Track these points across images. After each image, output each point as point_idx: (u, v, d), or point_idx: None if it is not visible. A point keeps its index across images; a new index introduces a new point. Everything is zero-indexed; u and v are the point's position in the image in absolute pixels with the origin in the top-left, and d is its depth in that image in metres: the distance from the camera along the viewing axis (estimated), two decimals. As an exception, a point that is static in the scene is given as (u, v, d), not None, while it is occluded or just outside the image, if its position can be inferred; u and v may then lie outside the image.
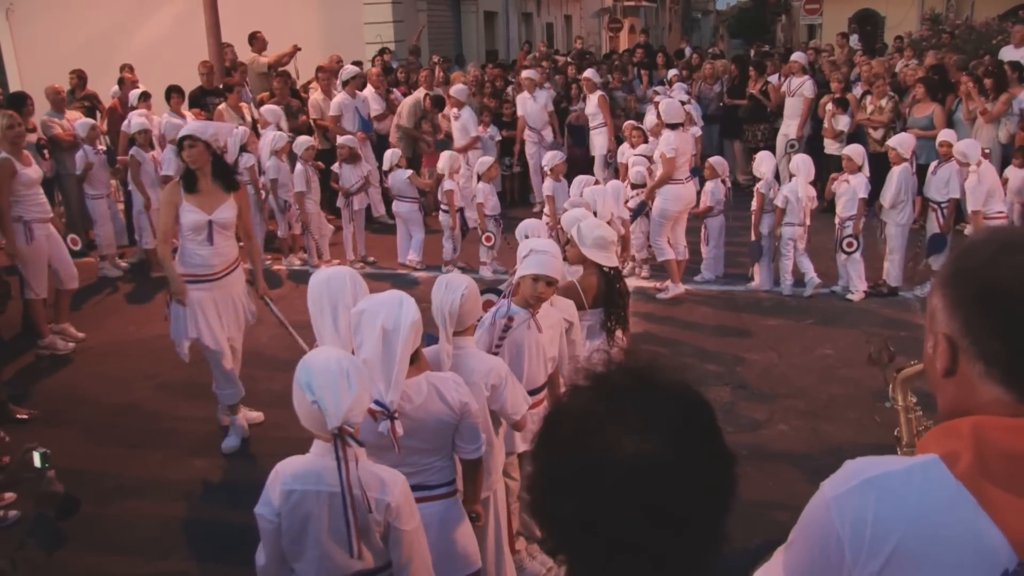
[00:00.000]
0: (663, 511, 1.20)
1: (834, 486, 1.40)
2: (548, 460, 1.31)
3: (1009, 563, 1.29)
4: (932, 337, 1.44)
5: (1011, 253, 1.35)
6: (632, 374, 1.30)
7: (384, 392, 2.98)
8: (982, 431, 1.33)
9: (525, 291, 4.06)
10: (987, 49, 13.65)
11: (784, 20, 41.58)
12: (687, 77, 14.43)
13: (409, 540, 2.79)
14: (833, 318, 8.04)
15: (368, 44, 16.56)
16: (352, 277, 3.61)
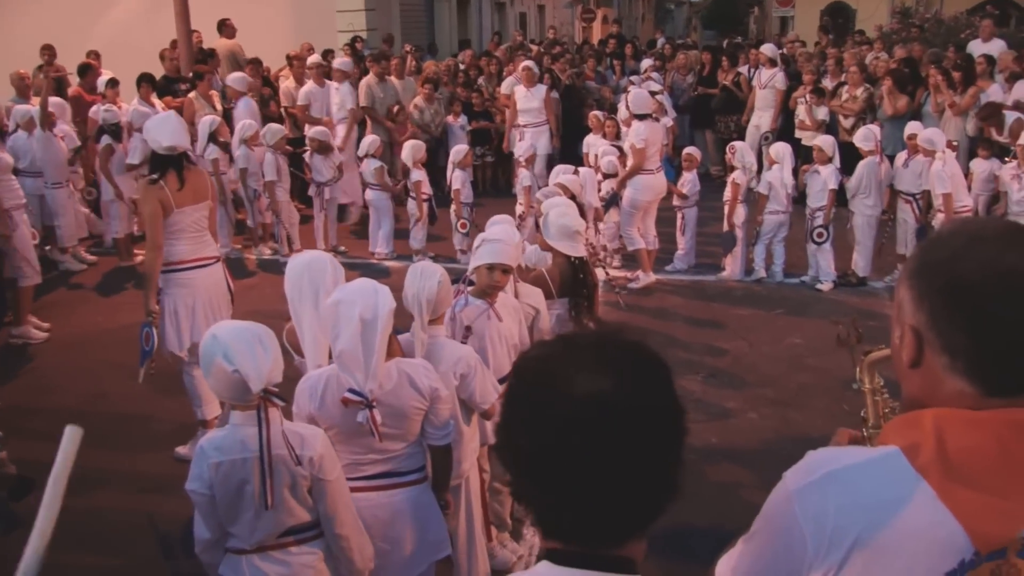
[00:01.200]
0: (609, 445, 1.26)
1: (796, 479, 1.41)
2: (511, 400, 1.38)
3: (966, 553, 1.30)
4: (899, 328, 1.44)
5: (978, 246, 1.35)
6: (594, 331, 1.43)
7: (362, 381, 3.00)
8: (943, 423, 1.34)
9: (481, 281, 4.07)
10: (955, 43, 13.78)
11: (757, 12, 41.77)
12: (660, 67, 14.47)
13: (332, 490, 2.89)
14: (802, 308, 8.11)
15: (340, 32, 16.45)
16: (332, 262, 3.63)
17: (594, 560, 1.33)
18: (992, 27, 13.57)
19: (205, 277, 5.46)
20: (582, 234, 5.09)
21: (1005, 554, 1.31)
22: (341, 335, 2.99)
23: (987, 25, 13.44)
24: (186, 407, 5.71)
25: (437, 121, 12.31)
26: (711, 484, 5.05)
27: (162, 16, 13.20)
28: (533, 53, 15.35)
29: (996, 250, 1.33)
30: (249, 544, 2.90)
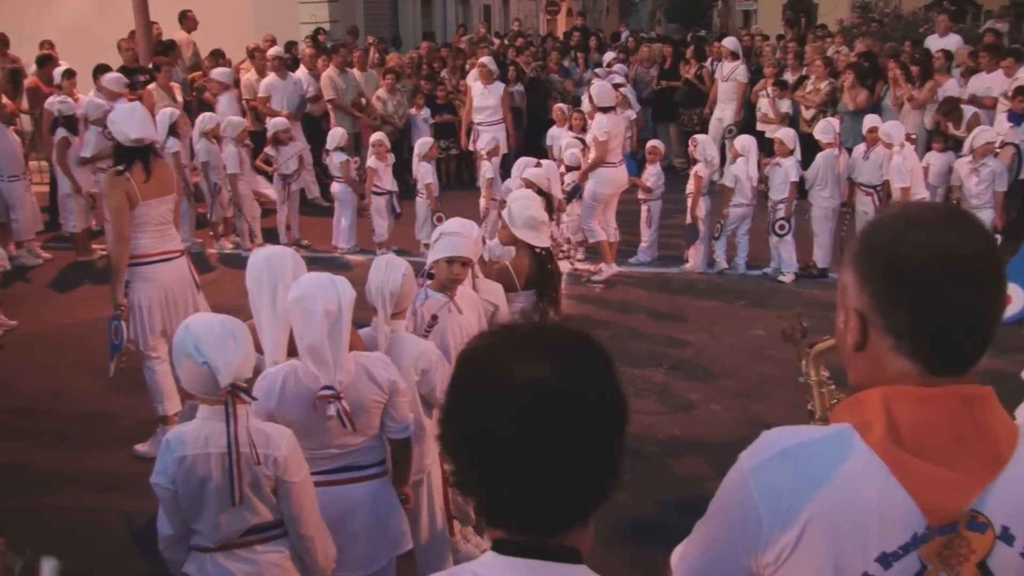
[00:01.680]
0: (548, 432, 1.27)
1: (751, 458, 1.43)
2: (453, 390, 1.39)
3: (919, 527, 1.33)
4: (843, 312, 1.47)
5: (917, 229, 1.37)
6: (536, 322, 1.44)
7: (331, 374, 3.01)
8: (893, 401, 1.36)
9: (440, 275, 4.05)
10: (913, 38, 13.95)
11: (720, 5, 41.97)
12: (624, 60, 14.50)
13: (298, 492, 2.87)
14: (765, 299, 8.18)
15: (303, 24, 16.30)
16: (294, 257, 3.60)
17: (538, 549, 1.34)
18: (948, 22, 13.77)
19: (169, 271, 5.40)
20: (547, 224, 5.09)
21: (956, 527, 1.33)
22: (307, 330, 2.99)
23: (943, 20, 13.63)
24: (146, 404, 5.63)
25: (400, 113, 12.25)
26: (674, 476, 5.08)
27: (120, 5, 12.97)
28: (496, 46, 15.32)
29: (935, 233, 1.35)
30: (213, 542, 2.88)
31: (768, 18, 25.12)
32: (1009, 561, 1.34)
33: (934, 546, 1.34)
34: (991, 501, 1.33)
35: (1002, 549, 1.34)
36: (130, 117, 5.23)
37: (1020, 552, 1.34)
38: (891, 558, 1.33)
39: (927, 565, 1.34)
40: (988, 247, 1.37)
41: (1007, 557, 1.34)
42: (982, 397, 1.37)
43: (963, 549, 1.34)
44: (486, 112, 11.38)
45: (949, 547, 1.34)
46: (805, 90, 11.82)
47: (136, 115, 5.26)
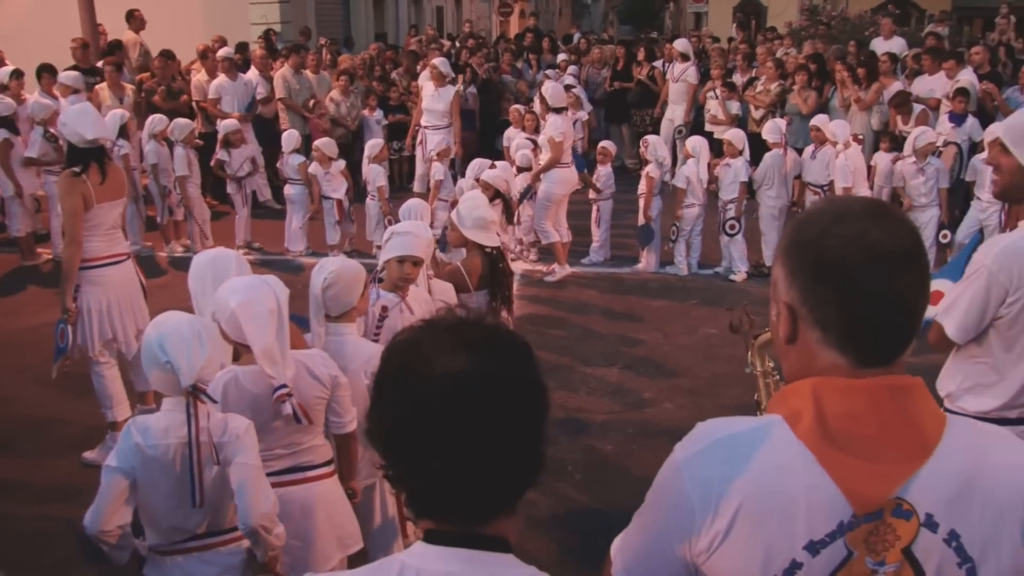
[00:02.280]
0: (470, 425, 1.31)
1: (684, 449, 1.47)
2: (378, 384, 1.42)
3: (845, 515, 1.36)
4: (775, 306, 1.50)
5: (842, 223, 1.40)
6: (456, 316, 1.44)
7: (283, 373, 3.01)
8: (821, 392, 1.39)
9: (392, 275, 4.05)
10: (859, 40, 14.22)
11: (672, 7, 42.36)
12: (575, 62, 14.59)
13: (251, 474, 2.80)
14: (716, 298, 8.26)
15: (253, 25, 16.16)
16: (237, 259, 3.58)
17: (466, 538, 1.37)
18: (892, 26, 14.08)
19: (118, 274, 5.33)
20: (497, 224, 5.11)
21: (882, 515, 1.37)
22: (259, 333, 2.97)
23: (887, 23, 13.93)
24: (94, 410, 5.54)
25: (353, 115, 12.19)
26: (628, 474, 5.12)
27: (65, 5, 12.76)
28: (446, 47, 15.31)
29: (861, 227, 1.38)
30: (170, 541, 2.85)
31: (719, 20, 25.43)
32: (932, 547, 1.38)
33: (860, 533, 1.37)
34: (916, 489, 1.37)
35: (926, 536, 1.37)
36: (83, 118, 5.14)
37: (943, 538, 1.38)
38: (818, 545, 1.36)
39: (853, 551, 1.37)
40: (912, 240, 1.40)
41: (931, 543, 1.38)
42: (910, 387, 1.40)
43: (888, 536, 1.37)
44: (435, 115, 11.10)
45: (875, 534, 1.37)
46: (755, 91, 12.00)
47: (89, 116, 5.19)
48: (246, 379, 3.09)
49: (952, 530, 1.38)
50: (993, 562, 1.39)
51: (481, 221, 4.88)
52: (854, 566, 1.37)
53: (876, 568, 1.38)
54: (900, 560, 1.38)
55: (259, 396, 3.09)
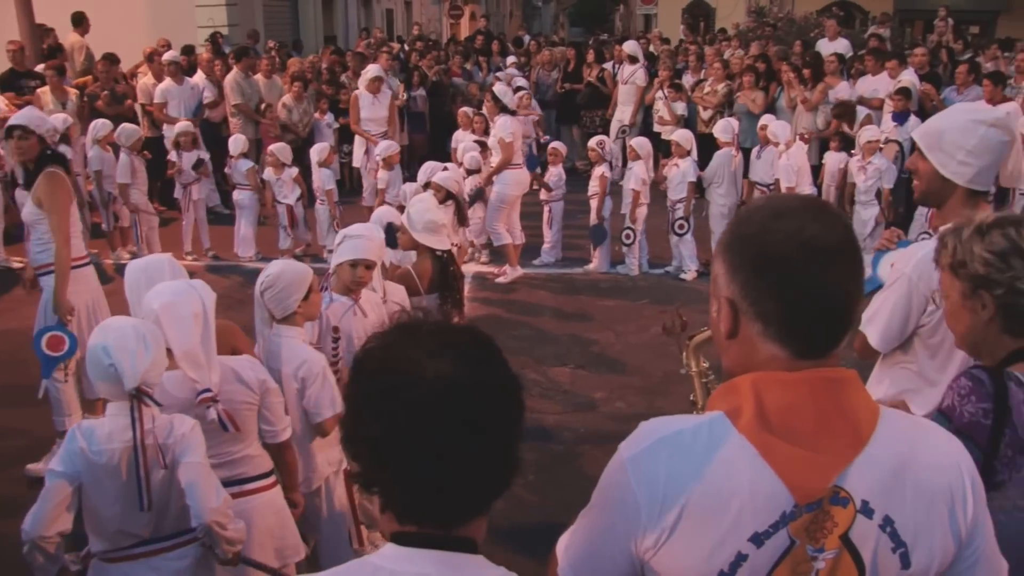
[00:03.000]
0: (460, 424, 1.33)
1: (629, 448, 1.49)
2: (358, 390, 1.41)
3: (787, 506, 1.40)
4: (715, 301, 1.53)
5: (780, 219, 1.45)
6: (431, 320, 1.47)
7: (207, 377, 2.99)
8: (760, 386, 1.43)
9: (344, 278, 4.03)
10: (805, 41, 14.45)
11: (622, 9, 42.62)
12: (525, 64, 14.64)
13: (198, 471, 2.79)
14: (667, 297, 8.32)
15: (200, 28, 15.96)
16: (171, 264, 3.54)
17: (437, 540, 1.38)
18: (836, 27, 14.32)
19: (92, 276, 5.36)
20: (447, 227, 5.11)
21: (821, 503, 1.41)
22: (182, 336, 2.96)
23: (831, 25, 14.18)
24: (39, 420, 5.42)
25: (306, 120, 12.08)
26: (581, 473, 5.14)
27: (4, 6, 12.48)
28: (394, 50, 15.25)
29: (798, 222, 1.43)
30: (117, 547, 2.82)
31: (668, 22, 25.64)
32: (869, 533, 1.43)
33: (802, 522, 1.40)
34: (852, 477, 1.41)
35: (862, 522, 1.42)
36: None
37: (878, 524, 1.43)
38: (763, 536, 1.40)
39: (795, 540, 1.41)
40: (847, 235, 1.45)
41: (867, 529, 1.43)
42: (845, 380, 1.45)
43: (827, 523, 1.41)
44: (376, 123, 10.97)
45: (815, 522, 1.41)
46: (703, 92, 12.13)
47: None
48: (170, 384, 3.05)
49: (887, 516, 1.43)
50: (925, 546, 1.45)
51: (432, 225, 4.87)
52: (796, 554, 1.41)
53: (816, 555, 1.42)
54: (839, 547, 1.42)
55: (183, 401, 3.05)
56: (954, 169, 2.74)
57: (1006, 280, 2.05)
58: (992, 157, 2.72)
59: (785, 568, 1.41)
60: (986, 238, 2.08)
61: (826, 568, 1.43)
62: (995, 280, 2.06)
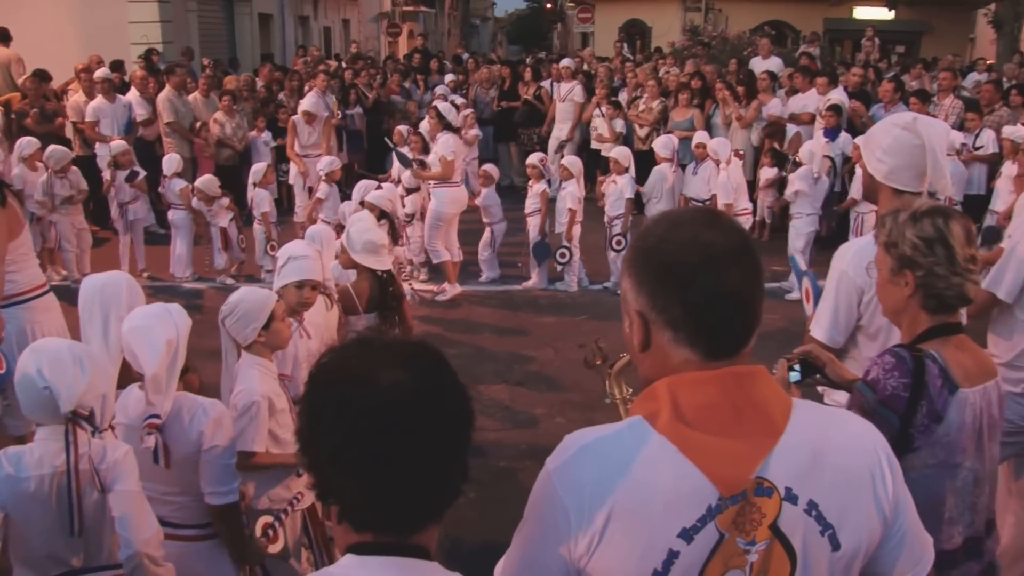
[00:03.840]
0: (416, 432, 1.37)
1: (554, 459, 1.53)
2: (314, 402, 1.43)
3: (712, 499, 1.43)
4: (627, 317, 1.57)
5: (677, 229, 1.52)
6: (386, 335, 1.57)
7: (164, 405, 2.89)
8: (675, 387, 1.48)
9: (290, 300, 3.93)
10: (739, 59, 14.74)
11: (560, 28, 43.05)
12: (463, 82, 14.70)
13: (131, 500, 2.68)
14: (606, 313, 8.39)
15: (133, 44, 15.71)
16: (129, 285, 3.46)
17: (395, 548, 1.41)
18: (770, 46, 14.66)
19: (55, 304, 5.12)
20: (387, 247, 5.10)
21: (746, 495, 1.44)
22: (148, 361, 2.87)
23: (765, 44, 14.52)
24: None
25: (239, 135, 11.97)
26: (522, 489, 5.09)
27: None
28: (332, 67, 15.21)
29: (695, 231, 1.50)
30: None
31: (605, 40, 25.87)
32: (796, 519, 1.47)
33: (729, 515, 1.44)
34: (773, 466, 1.46)
35: (789, 509, 1.47)
36: None
37: (803, 509, 1.47)
38: (691, 532, 1.43)
39: (724, 533, 1.44)
40: (743, 239, 1.52)
41: (794, 515, 1.47)
42: (755, 374, 1.51)
43: (755, 514, 1.45)
44: (313, 148, 11.15)
45: (742, 514, 1.45)
46: (638, 109, 12.29)
47: None
48: (130, 400, 3.00)
49: (810, 500, 1.47)
50: (851, 526, 1.50)
51: (371, 245, 4.86)
52: (727, 548, 1.44)
53: (748, 548, 1.46)
54: (769, 537, 1.46)
55: (135, 420, 2.97)
56: (874, 166, 3.02)
57: (927, 264, 2.28)
58: (905, 158, 2.94)
59: (718, 562, 1.45)
60: (917, 224, 2.30)
61: (759, 559, 1.46)
62: (918, 263, 2.29)
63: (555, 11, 43.76)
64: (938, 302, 2.32)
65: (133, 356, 2.94)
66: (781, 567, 1.48)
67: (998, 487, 4.04)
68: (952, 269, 2.27)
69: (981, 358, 2.37)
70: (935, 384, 2.23)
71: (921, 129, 2.94)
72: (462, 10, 48.76)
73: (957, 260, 2.27)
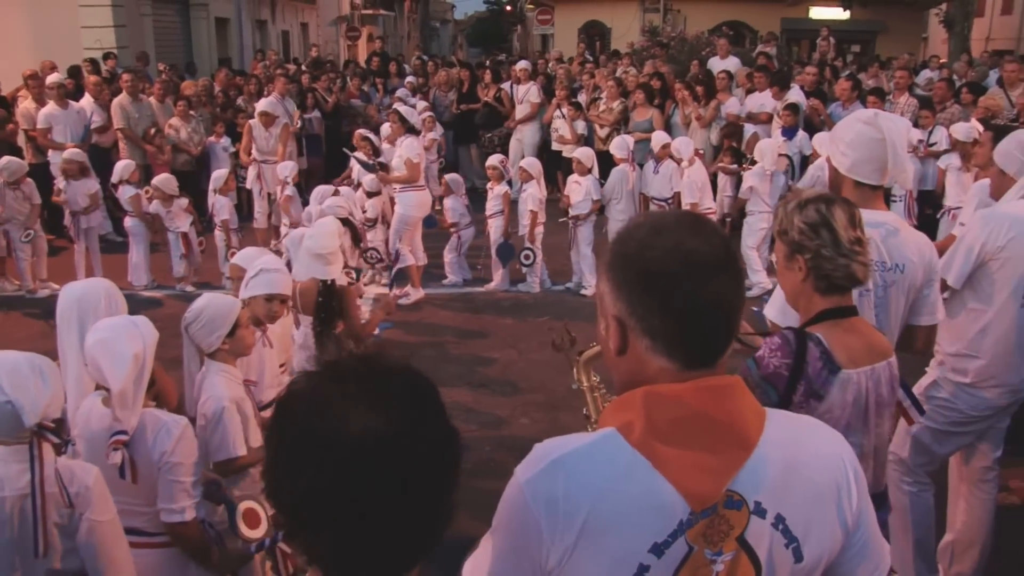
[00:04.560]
0: (390, 483, 1.25)
1: (525, 470, 1.49)
2: (281, 441, 1.31)
3: (683, 514, 1.42)
4: (603, 320, 1.55)
5: (660, 236, 1.48)
6: (360, 359, 1.35)
7: (131, 420, 2.82)
8: (651, 399, 1.46)
9: (258, 311, 3.95)
10: (698, 59, 14.85)
11: (520, 30, 43.10)
12: (423, 85, 14.67)
13: (104, 532, 2.60)
14: (568, 313, 8.39)
15: (87, 49, 15.50)
16: (108, 295, 3.38)
17: None
18: (728, 46, 14.78)
19: None
20: (339, 254, 5.05)
21: (716, 508, 1.44)
22: (117, 374, 2.81)
23: (723, 44, 14.64)
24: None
25: (195, 140, 11.84)
26: (487, 491, 5.07)
27: None
28: (290, 71, 15.11)
29: (677, 237, 1.47)
30: None
31: (565, 42, 25.93)
32: (763, 532, 1.47)
33: (699, 528, 1.43)
34: (744, 480, 1.45)
35: (756, 522, 1.46)
36: None
37: (771, 523, 1.47)
38: (662, 547, 1.42)
39: (693, 546, 1.44)
40: (724, 248, 1.49)
41: (761, 529, 1.47)
42: (731, 386, 1.49)
43: (723, 527, 1.45)
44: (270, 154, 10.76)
45: (711, 526, 1.44)
46: (598, 110, 12.34)
47: None
48: (93, 413, 2.93)
49: (778, 514, 1.47)
50: (815, 539, 1.50)
51: (314, 253, 4.85)
52: (694, 559, 1.44)
53: (714, 559, 1.45)
54: (736, 548, 1.46)
55: (97, 434, 2.90)
56: (838, 159, 3.11)
57: (814, 247, 2.45)
58: (867, 151, 3.03)
59: (685, 573, 1.44)
60: (803, 211, 2.48)
61: (724, 570, 1.46)
62: (806, 246, 2.46)
63: (515, 13, 43.81)
64: (828, 283, 2.47)
65: (98, 370, 2.87)
66: None
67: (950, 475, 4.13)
68: (838, 251, 2.43)
69: (873, 341, 2.50)
70: (815, 366, 2.38)
71: (883, 124, 3.02)
72: (421, 13, 48.66)
73: (842, 242, 2.43)
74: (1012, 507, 4.82)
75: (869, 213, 3.09)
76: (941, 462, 4.01)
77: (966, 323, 3.77)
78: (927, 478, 3.93)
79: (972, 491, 4.00)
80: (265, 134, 10.76)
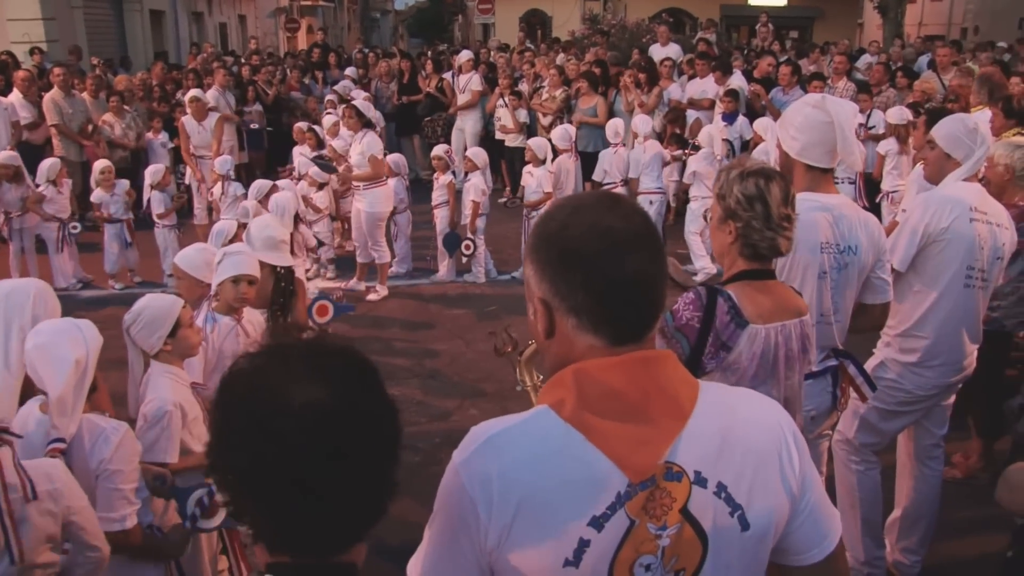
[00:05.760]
0: (332, 454, 1.27)
1: (460, 453, 1.49)
2: (224, 417, 1.34)
3: (621, 486, 1.42)
4: (531, 305, 1.55)
5: (578, 214, 1.49)
6: (302, 340, 1.39)
7: (68, 428, 2.71)
8: (581, 375, 1.46)
9: (227, 296, 3.94)
10: (639, 47, 14.91)
11: (461, 19, 42.94)
12: (363, 76, 14.54)
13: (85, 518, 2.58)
14: (516, 303, 8.36)
15: (14, 43, 15.07)
16: (39, 294, 3.18)
17: (318, 570, 1.36)
18: (668, 33, 14.86)
19: None
20: (287, 243, 5.02)
21: (655, 480, 1.43)
22: (54, 381, 2.70)
23: (663, 31, 14.72)
24: None
25: (131, 136, 11.59)
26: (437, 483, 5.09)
27: None
28: (228, 63, 14.88)
29: (596, 215, 1.48)
30: None
31: (506, 31, 25.94)
32: (706, 502, 1.47)
33: (638, 501, 1.43)
34: (682, 451, 1.45)
35: (698, 493, 1.46)
36: None
37: (713, 492, 1.47)
38: (601, 519, 1.41)
39: (635, 520, 1.43)
40: (643, 224, 1.51)
41: (703, 498, 1.47)
42: (661, 358, 1.50)
43: (665, 500, 1.45)
44: (206, 148, 10.56)
45: (652, 500, 1.44)
46: (541, 99, 12.33)
47: None
48: (30, 418, 2.82)
49: (719, 482, 1.47)
50: (760, 505, 1.51)
51: (271, 241, 4.79)
52: (637, 534, 1.43)
53: (659, 533, 1.45)
54: (680, 521, 1.46)
55: (34, 442, 2.76)
56: (788, 143, 3.21)
57: (746, 218, 2.62)
58: (816, 134, 3.12)
59: (629, 548, 1.44)
60: (743, 182, 2.63)
61: (671, 543, 1.46)
62: (739, 215, 2.64)
63: (456, 2, 43.65)
64: (752, 251, 2.65)
65: (37, 375, 2.76)
66: (692, 550, 1.48)
67: (897, 453, 4.20)
68: (767, 224, 2.60)
69: (784, 300, 2.67)
70: (723, 319, 2.57)
71: (830, 107, 3.10)
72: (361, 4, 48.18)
73: (772, 217, 2.60)
74: (954, 480, 4.94)
75: (822, 196, 3.16)
76: (889, 441, 4.07)
77: (912, 304, 3.83)
78: (874, 457, 3.99)
79: (919, 468, 4.07)
80: (199, 128, 10.51)
